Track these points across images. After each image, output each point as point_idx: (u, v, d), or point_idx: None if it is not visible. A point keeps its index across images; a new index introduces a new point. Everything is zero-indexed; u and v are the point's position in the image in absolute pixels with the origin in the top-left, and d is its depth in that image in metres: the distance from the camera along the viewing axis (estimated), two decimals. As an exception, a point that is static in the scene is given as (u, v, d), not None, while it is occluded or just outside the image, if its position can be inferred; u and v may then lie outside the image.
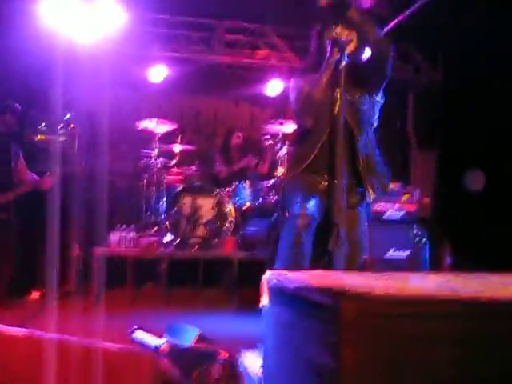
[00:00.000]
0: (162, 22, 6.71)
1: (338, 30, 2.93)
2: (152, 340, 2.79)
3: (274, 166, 6.24)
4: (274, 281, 1.94)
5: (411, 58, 7.36)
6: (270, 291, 2.00)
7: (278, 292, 1.89)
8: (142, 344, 2.75)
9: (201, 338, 2.90)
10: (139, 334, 2.90)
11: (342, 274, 2.34)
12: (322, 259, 2.83)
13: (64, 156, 5.30)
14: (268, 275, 2.04)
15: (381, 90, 3.17)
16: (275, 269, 2.66)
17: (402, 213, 6.33)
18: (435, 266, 6.19)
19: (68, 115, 5.10)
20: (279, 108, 6.99)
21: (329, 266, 2.72)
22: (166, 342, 2.69)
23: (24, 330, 1.99)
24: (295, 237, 2.91)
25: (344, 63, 2.83)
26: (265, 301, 2.05)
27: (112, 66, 5.83)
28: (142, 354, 2.09)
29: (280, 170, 5.78)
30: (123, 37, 6.35)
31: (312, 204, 2.95)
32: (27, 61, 5.30)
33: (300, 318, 1.69)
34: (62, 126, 5.43)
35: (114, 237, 5.51)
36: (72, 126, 5.59)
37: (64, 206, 3.86)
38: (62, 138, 5.45)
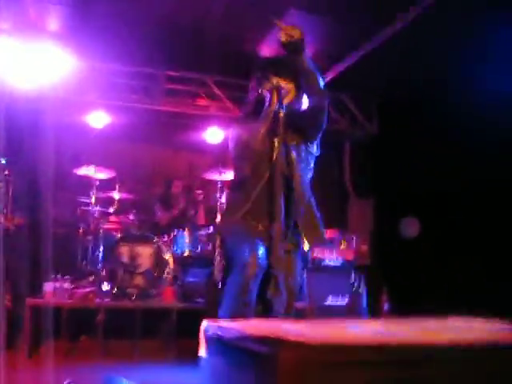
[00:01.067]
0: (103, 70, 6.72)
1: (277, 79, 3.02)
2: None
3: (211, 214, 6.24)
4: (211, 331, 1.93)
5: (347, 109, 7.62)
6: (208, 341, 1.98)
7: (216, 342, 1.88)
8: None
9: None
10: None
11: (279, 322, 2.34)
12: (259, 306, 2.82)
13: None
14: (205, 325, 2.03)
15: (317, 140, 3.26)
16: (217, 318, 2.64)
17: (340, 260, 6.42)
18: (374, 312, 6.27)
19: (2, 160, 4.98)
20: (218, 156, 7.05)
21: (266, 313, 2.71)
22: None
23: None
24: (243, 286, 2.84)
25: (282, 112, 2.90)
26: (203, 351, 2.02)
27: (52, 112, 5.79)
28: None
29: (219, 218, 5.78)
30: (65, 83, 6.34)
31: (261, 252, 2.91)
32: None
33: (237, 368, 1.68)
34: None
35: (49, 287, 5.33)
36: (6, 171, 5.46)
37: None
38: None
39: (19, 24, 5.91)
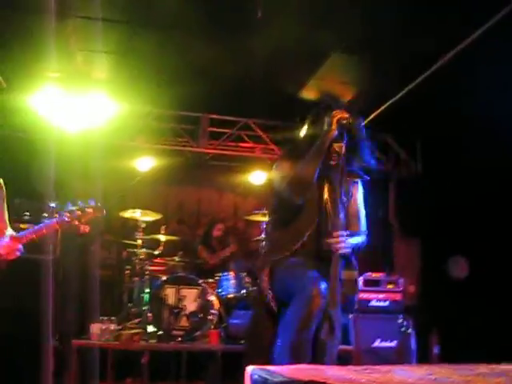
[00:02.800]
0: (149, 115, 6.90)
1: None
2: None
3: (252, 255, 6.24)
4: (258, 374, 1.91)
5: (391, 148, 7.59)
6: (253, 385, 1.96)
7: (261, 386, 1.86)
8: None
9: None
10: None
11: (326, 367, 2.30)
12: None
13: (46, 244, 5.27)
14: (251, 369, 2.01)
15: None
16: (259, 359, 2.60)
17: (387, 302, 6.31)
18: (423, 356, 6.10)
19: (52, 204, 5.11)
20: (262, 198, 7.08)
21: (318, 356, 2.66)
22: None
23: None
24: (305, 320, 2.70)
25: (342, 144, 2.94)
26: (247, 395, 2.00)
27: (99, 156, 5.95)
28: None
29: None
30: (112, 128, 6.53)
31: (323, 287, 2.80)
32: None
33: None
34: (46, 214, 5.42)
35: (95, 328, 5.39)
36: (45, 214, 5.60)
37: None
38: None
39: (67, 71, 6.14)
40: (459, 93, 5.61)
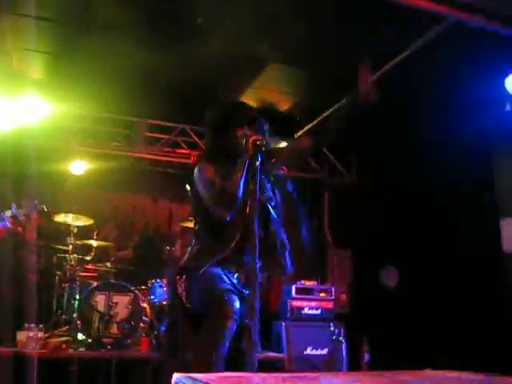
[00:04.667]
0: (84, 117, 6.78)
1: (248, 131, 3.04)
2: None
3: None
4: (183, 383, 1.90)
5: (326, 159, 7.72)
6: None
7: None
8: None
9: None
10: None
11: (253, 375, 2.31)
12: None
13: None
14: (175, 377, 2.00)
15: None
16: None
17: (319, 310, 6.40)
18: (354, 364, 6.21)
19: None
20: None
21: (239, 366, 2.67)
22: None
23: None
24: (219, 337, 2.76)
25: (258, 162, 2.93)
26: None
27: (32, 157, 5.79)
28: None
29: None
30: (45, 129, 6.38)
31: (237, 306, 2.84)
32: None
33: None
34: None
35: (22, 336, 5.22)
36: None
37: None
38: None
39: (1, 70, 5.97)
40: (395, 109, 5.79)
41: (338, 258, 7.65)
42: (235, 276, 2.97)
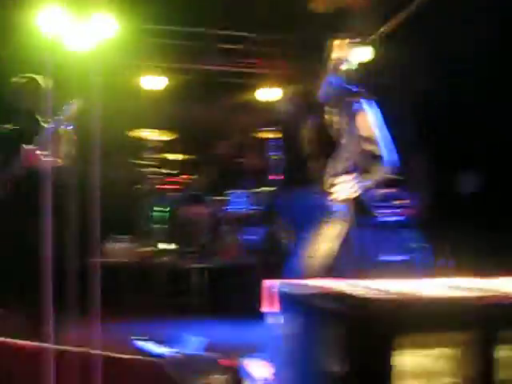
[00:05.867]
0: (155, 32, 6.72)
1: None
2: (155, 348, 2.76)
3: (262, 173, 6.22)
4: (281, 288, 1.93)
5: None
6: (280, 299, 1.98)
7: (287, 299, 1.88)
8: (145, 352, 2.72)
9: (203, 346, 2.88)
10: (141, 343, 2.88)
11: (353, 281, 2.32)
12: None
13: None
14: (272, 282, 2.03)
15: None
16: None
17: (397, 217, 6.35)
18: (436, 269, 6.19)
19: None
20: (271, 115, 6.99)
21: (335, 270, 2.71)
22: (169, 350, 2.67)
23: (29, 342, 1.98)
24: (330, 243, 2.85)
25: None
26: (269, 307, 2.03)
27: (107, 75, 5.83)
28: (149, 360, 2.07)
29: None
30: (116, 47, 6.37)
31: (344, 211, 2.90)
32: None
33: (312, 325, 1.68)
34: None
35: (110, 247, 5.48)
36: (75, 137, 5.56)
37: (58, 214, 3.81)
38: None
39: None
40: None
41: (415, 163, 7.48)
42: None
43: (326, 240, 2.84)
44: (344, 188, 2.88)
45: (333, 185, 2.85)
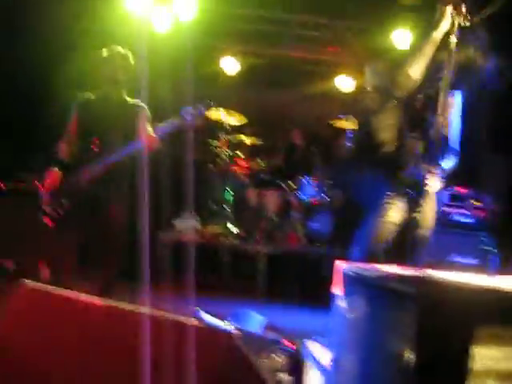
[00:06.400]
0: (235, 16, 6.75)
1: None
2: (218, 323, 2.79)
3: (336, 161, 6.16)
4: (351, 270, 1.90)
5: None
6: (345, 281, 1.95)
7: (355, 282, 1.85)
8: (210, 325, 2.75)
9: (266, 326, 2.88)
10: (205, 315, 2.91)
11: (416, 268, 2.26)
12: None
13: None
14: (341, 265, 2.00)
15: None
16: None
17: (471, 219, 6.16)
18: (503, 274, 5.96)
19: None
20: (348, 104, 6.91)
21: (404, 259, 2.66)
22: (231, 326, 2.69)
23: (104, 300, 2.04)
24: (381, 230, 2.83)
25: None
26: (338, 290, 2.01)
27: (188, 57, 5.89)
28: (221, 331, 2.09)
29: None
30: (198, 29, 6.44)
31: (404, 199, 2.87)
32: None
33: (380, 308, 1.64)
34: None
35: (180, 225, 5.57)
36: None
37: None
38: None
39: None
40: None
41: (495, 165, 7.22)
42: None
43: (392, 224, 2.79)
44: (437, 180, 2.83)
45: (430, 172, 2.77)
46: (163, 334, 1.83)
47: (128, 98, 3.73)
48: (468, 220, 6.15)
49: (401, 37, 6.43)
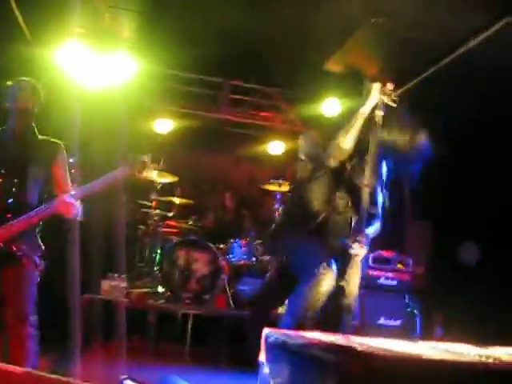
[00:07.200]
0: (172, 77, 6.86)
1: None
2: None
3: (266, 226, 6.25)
4: (275, 337, 1.93)
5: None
6: (270, 347, 1.97)
7: (279, 348, 1.87)
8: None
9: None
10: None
11: (340, 336, 2.31)
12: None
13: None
14: (267, 332, 2.02)
15: None
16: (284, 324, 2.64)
17: (395, 281, 6.31)
18: (426, 336, 6.11)
19: (71, 159, 5.09)
20: (279, 168, 7.07)
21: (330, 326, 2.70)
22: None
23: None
24: (312, 301, 2.85)
25: None
26: (263, 357, 2.02)
27: (121, 115, 5.91)
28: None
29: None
30: (133, 88, 6.49)
31: (334, 268, 2.92)
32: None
33: (302, 376, 1.66)
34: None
35: (106, 285, 5.45)
36: (73, 171, 5.59)
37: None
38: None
39: (93, 28, 6.09)
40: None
41: (417, 229, 7.50)
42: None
43: (324, 293, 2.84)
44: (363, 247, 2.93)
45: (356, 241, 2.88)
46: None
47: (41, 136, 3.32)
48: (392, 282, 6.31)
49: (330, 105, 6.71)
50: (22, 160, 3.15)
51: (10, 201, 3.08)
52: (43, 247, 3.23)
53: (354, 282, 2.91)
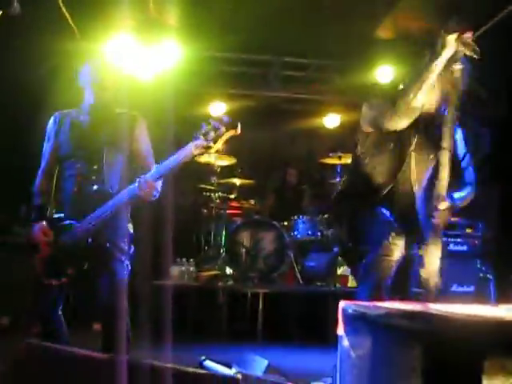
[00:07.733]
0: (220, 60, 6.85)
1: None
2: (223, 369, 2.76)
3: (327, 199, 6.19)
4: (353, 309, 1.90)
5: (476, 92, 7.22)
6: (347, 320, 1.95)
7: (357, 320, 1.84)
8: (217, 373, 2.70)
9: (270, 369, 2.85)
10: (209, 364, 2.88)
11: (422, 304, 2.26)
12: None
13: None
14: (342, 304, 2.00)
15: None
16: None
17: (465, 246, 6.17)
18: (502, 301, 5.95)
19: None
20: (337, 141, 6.98)
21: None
22: (238, 371, 2.66)
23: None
24: (384, 270, 2.77)
25: None
26: (341, 331, 2.00)
27: (173, 103, 5.95)
28: (227, 378, 2.07)
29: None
30: (183, 74, 6.52)
31: (403, 237, 2.83)
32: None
33: (384, 346, 1.64)
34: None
35: (175, 270, 5.54)
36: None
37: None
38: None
39: (139, 19, 6.12)
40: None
41: (486, 193, 7.27)
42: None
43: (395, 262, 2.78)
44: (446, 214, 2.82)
45: (437, 209, 2.76)
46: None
47: (119, 110, 3.16)
48: (462, 248, 6.17)
49: (383, 72, 6.55)
50: (98, 143, 2.97)
51: (93, 188, 2.91)
52: (131, 231, 3.13)
53: (433, 253, 2.79)
